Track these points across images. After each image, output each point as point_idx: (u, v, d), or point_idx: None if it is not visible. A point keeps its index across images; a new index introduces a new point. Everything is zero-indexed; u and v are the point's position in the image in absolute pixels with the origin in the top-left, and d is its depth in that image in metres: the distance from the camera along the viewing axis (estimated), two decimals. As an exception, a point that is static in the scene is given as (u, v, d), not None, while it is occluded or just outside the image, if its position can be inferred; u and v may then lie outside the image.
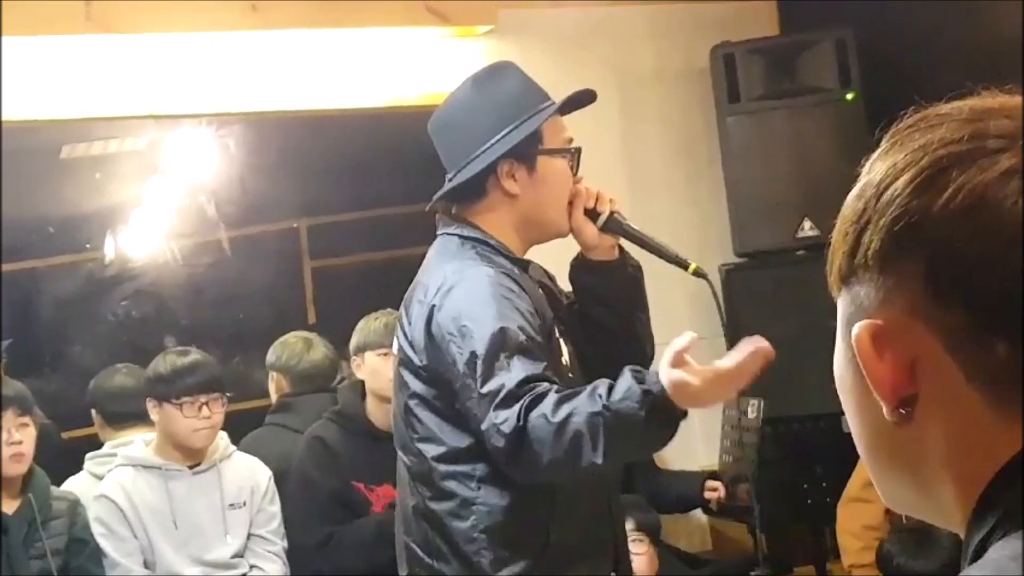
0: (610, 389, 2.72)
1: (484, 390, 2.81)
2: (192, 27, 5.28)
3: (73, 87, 5.25)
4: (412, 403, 3.04)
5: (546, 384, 2.79)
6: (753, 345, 2.68)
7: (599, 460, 2.68)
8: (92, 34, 5.09)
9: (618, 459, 2.75)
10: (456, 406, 2.93)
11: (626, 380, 2.72)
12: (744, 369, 2.68)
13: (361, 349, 4.70)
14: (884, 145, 1.03)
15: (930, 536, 4.54)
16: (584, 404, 2.71)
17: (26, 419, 4.34)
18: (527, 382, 2.78)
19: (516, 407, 2.75)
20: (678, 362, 2.69)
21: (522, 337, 2.85)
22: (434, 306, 2.95)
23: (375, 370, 4.59)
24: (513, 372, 2.80)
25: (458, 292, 2.94)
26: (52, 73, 5.19)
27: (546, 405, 2.73)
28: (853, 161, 1.06)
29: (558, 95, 3.15)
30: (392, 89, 5.72)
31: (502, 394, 2.78)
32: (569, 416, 2.70)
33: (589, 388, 2.75)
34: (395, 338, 3.17)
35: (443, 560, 3.01)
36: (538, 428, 2.72)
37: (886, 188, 0.99)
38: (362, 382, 4.69)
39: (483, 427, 2.81)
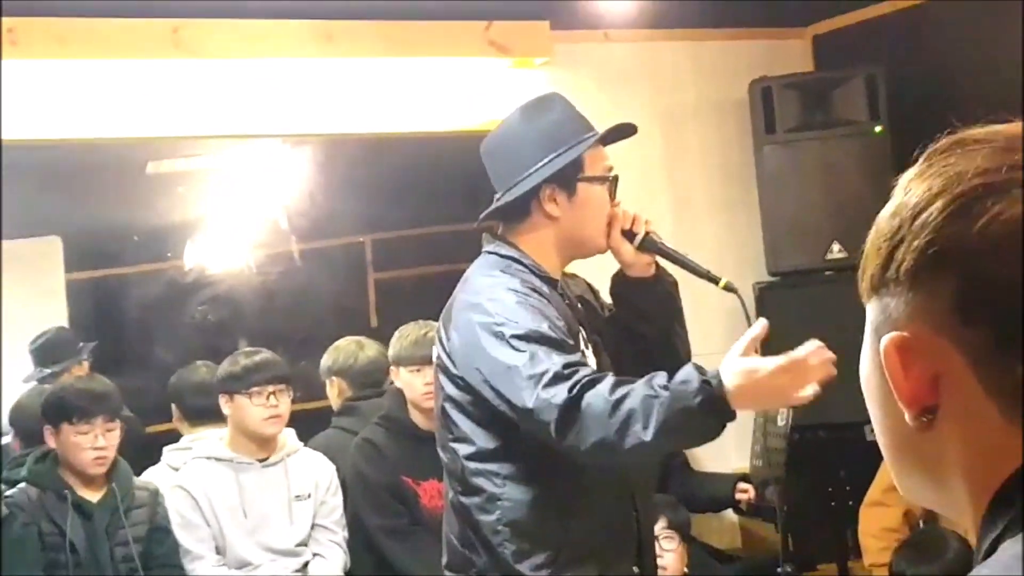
0: (668, 378, 2.75)
1: (528, 373, 2.84)
2: (271, 53, 5.31)
3: (160, 108, 5.29)
4: (448, 406, 3.09)
5: (593, 369, 2.84)
6: (816, 345, 2.71)
7: (647, 438, 2.69)
8: (178, 58, 5.13)
9: (664, 441, 2.74)
10: (492, 408, 2.95)
11: (689, 369, 2.76)
12: (805, 361, 2.69)
13: (396, 363, 4.71)
14: (920, 166, 1.03)
15: (935, 543, 4.50)
16: (640, 388, 2.75)
17: (113, 424, 4.36)
18: (570, 366, 2.82)
19: (568, 383, 2.78)
20: (749, 351, 2.73)
21: (555, 334, 2.90)
22: (470, 318, 2.99)
23: (408, 383, 4.64)
24: (554, 359, 2.84)
25: (492, 302, 2.99)
26: (141, 94, 5.23)
27: (604, 386, 2.76)
28: (880, 189, 1.07)
29: (606, 123, 3.17)
30: (453, 115, 5.74)
31: (549, 375, 2.81)
32: (625, 396, 2.74)
33: (646, 377, 2.78)
34: (434, 346, 3.22)
35: (474, 551, 3.06)
36: (594, 405, 2.75)
37: (921, 211, 0.99)
38: None
39: (531, 405, 2.82)
